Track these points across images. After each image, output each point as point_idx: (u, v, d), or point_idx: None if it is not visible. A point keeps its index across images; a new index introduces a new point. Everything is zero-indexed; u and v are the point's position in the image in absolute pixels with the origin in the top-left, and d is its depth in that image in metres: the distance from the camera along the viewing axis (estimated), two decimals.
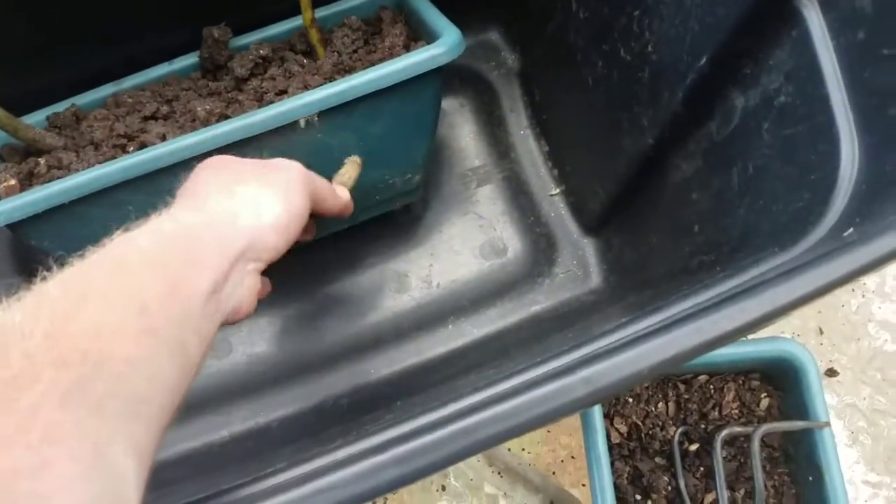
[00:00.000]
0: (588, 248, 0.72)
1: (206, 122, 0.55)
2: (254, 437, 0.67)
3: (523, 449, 0.75)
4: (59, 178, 0.52)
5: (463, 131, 0.78)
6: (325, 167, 0.58)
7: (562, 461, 0.74)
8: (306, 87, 0.55)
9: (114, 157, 0.53)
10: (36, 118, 0.59)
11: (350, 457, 0.32)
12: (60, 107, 0.59)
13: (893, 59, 0.36)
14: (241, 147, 0.52)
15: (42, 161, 0.53)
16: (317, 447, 0.36)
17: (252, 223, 0.38)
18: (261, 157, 0.53)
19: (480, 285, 0.73)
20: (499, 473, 0.74)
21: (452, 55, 0.53)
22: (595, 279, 0.71)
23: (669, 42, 0.49)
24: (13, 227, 0.51)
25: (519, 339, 0.69)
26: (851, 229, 0.35)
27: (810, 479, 0.59)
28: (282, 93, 0.56)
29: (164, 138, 0.54)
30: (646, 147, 0.55)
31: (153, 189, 0.51)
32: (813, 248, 0.36)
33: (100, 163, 0.52)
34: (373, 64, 0.56)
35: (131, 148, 0.54)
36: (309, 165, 0.56)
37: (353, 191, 0.54)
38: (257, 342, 0.70)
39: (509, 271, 0.73)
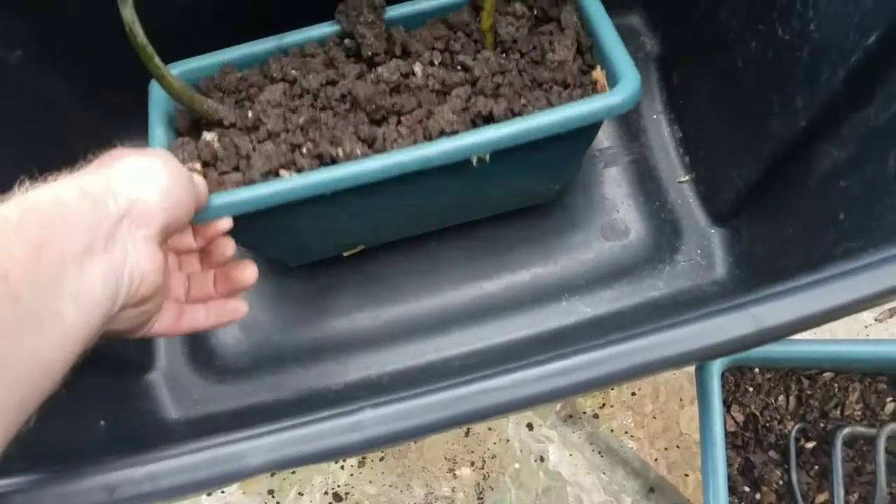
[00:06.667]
0: (715, 237, 0.71)
1: (371, 116, 0.56)
2: (365, 387, 0.70)
3: (626, 432, 0.75)
4: (242, 167, 0.54)
5: None
6: (481, 192, 0.60)
7: (665, 449, 0.73)
8: (475, 100, 0.55)
9: (290, 159, 0.54)
10: (202, 63, 0.60)
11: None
12: (224, 55, 0.60)
13: None
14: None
15: (217, 145, 0.54)
16: None
17: (130, 186, 0.37)
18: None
19: (599, 265, 0.73)
20: (599, 453, 0.74)
21: (628, 107, 0.51)
22: (719, 270, 0.70)
23: (836, 20, 0.48)
24: None
25: (634, 322, 0.69)
26: None
27: None
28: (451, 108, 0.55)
29: (339, 147, 0.54)
30: (797, 130, 0.54)
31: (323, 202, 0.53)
32: None
33: (278, 160, 0.53)
34: (541, 83, 0.56)
35: (304, 150, 0.54)
36: (467, 188, 0.58)
37: None
38: (375, 299, 0.73)
39: (629, 254, 0.73)
